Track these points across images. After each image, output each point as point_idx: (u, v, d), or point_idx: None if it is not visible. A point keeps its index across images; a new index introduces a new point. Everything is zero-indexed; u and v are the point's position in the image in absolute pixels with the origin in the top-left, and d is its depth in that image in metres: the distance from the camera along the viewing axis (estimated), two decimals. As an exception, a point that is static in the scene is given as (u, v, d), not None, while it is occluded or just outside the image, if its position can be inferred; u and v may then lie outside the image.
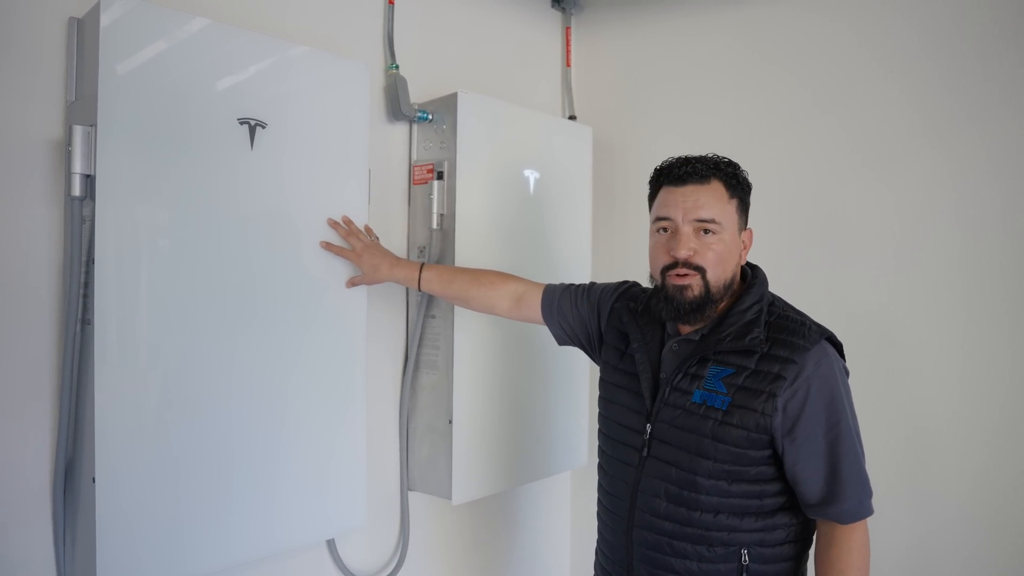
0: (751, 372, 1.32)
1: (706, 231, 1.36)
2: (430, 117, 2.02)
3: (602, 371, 1.59)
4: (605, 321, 1.62)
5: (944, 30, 1.85)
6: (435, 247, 1.98)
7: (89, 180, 1.36)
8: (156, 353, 1.44)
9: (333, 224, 1.71)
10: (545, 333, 2.21)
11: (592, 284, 1.70)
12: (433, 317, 2.02)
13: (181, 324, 1.47)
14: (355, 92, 1.76)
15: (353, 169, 1.76)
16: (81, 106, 1.42)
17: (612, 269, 2.48)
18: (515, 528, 2.40)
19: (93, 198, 1.36)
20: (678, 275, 1.36)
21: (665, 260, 1.39)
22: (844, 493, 1.29)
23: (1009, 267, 1.75)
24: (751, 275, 1.44)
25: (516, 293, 1.74)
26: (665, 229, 1.41)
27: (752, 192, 1.44)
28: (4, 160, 1.40)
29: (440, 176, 1.98)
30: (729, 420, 1.31)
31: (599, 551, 1.59)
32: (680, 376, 1.38)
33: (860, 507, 1.31)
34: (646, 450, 1.40)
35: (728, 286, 1.38)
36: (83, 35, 1.45)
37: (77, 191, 1.36)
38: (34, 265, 1.44)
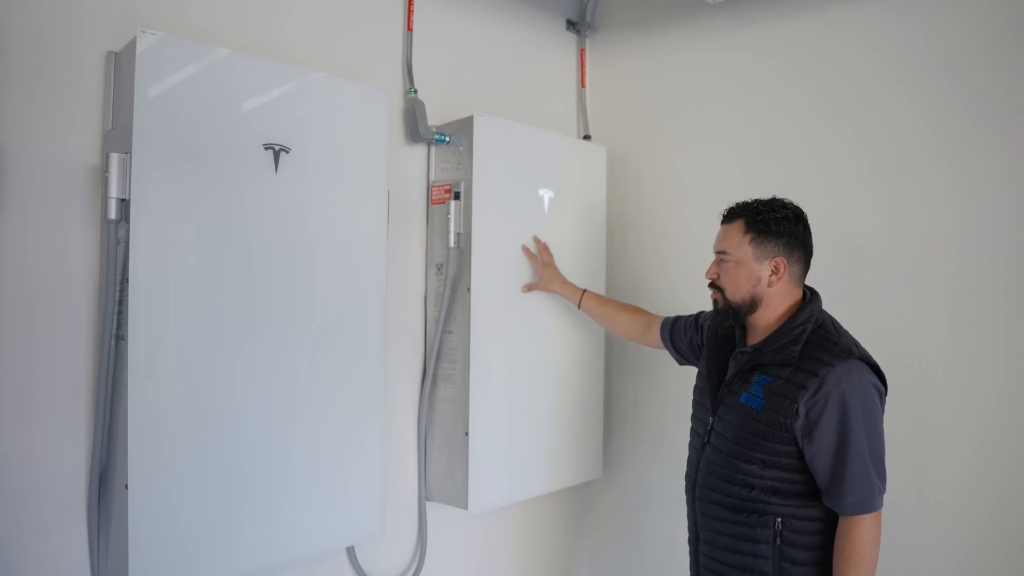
0: (783, 381, 1.59)
1: (723, 260, 1.70)
2: (447, 139, 2.10)
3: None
4: (702, 336, 1.93)
5: (954, 41, 1.88)
6: (452, 265, 2.05)
7: (124, 204, 1.45)
8: (185, 366, 1.52)
9: (534, 242, 2.20)
10: (560, 349, 2.28)
11: (700, 312, 1.99)
12: (450, 332, 2.09)
13: (208, 339, 1.55)
14: (374, 117, 1.84)
15: (372, 191, 1.84)
16: (117, 134, 1.51)
17: (626, 286, 2.54)
18: (531, 538, 2.45)
19: (128, 221, 1.45)
20: (712, 291, 1.76)
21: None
22: (845, 489, 1.53)
23: (1016, 278, 1.79)
24: (808, 299, 1.68)
25: (647, 323, 2.10)
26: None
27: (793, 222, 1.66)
28: (45, 185, 1.50)
29: (457, 196, 2.06)
30: (760, 419, 1.60)
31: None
32: (736, 380, 1.69)
33: (858, 504, 1.53)
34: (708, 437, 1.73)
35: (748, 303, 1.67)
36: (119, 68, 1.55)
37: (113, 214, 1.45)
38: (72, 284, 1.53)
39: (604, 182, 2.46)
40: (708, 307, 2.27)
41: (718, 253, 1.73)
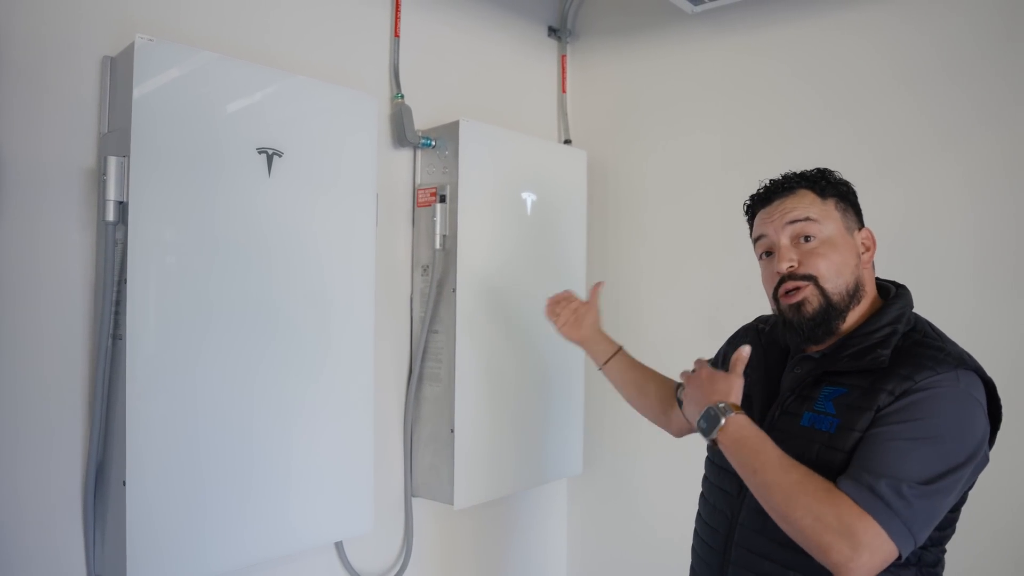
0: (864, 391, 1.18)
1: (806, 238, 1.27)
2: (433, 143, 2.14)
3: None
4: (725, 350, 1.56)
5: (947, 37, 1.97)
6: (438, 266, 2.10)
7: (122, 206, 1.48)
8: (181, 365, 1.55)
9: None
10: (542, 349, 2.33)
11: (723, 348, 1.60)
12: (436, 332, 2.14)
13: (203, 340, 1.58)
14: (363, 122, 1.88)
15: (361, 194, 1.88)
16: (114, 138, 1.54)
17: (607, 287, 2.60)
18: (514, 532, 2.51)
19: (126, 223, 1.48)
20: (787, 292, 1.28)
21: (773, 281, 1.31)
22: (862, 465, 1.11)
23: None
24: (894, 293, 1.31)
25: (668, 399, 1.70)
26: (768, 253, 1.33)
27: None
28: (42, 188, 1.52)
29: (443, 199, 2.11)
30: (835, 444, 1.17)
31: (697, 559, 1.44)
32: (792, 398, 1.27)
33: (868, 492, 1.08)
34: None
35: (853, 293, 1.26)
36: (116, 72, 1.58)
37: (111, 217, 1.48)
38: (68, 284, 1.55)
39: (584, 185, 2.52)
40: (696, 315, 2.37)
41: (793, 223, 1.27)
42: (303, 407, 1.75)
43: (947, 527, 1.21)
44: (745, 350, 1.27)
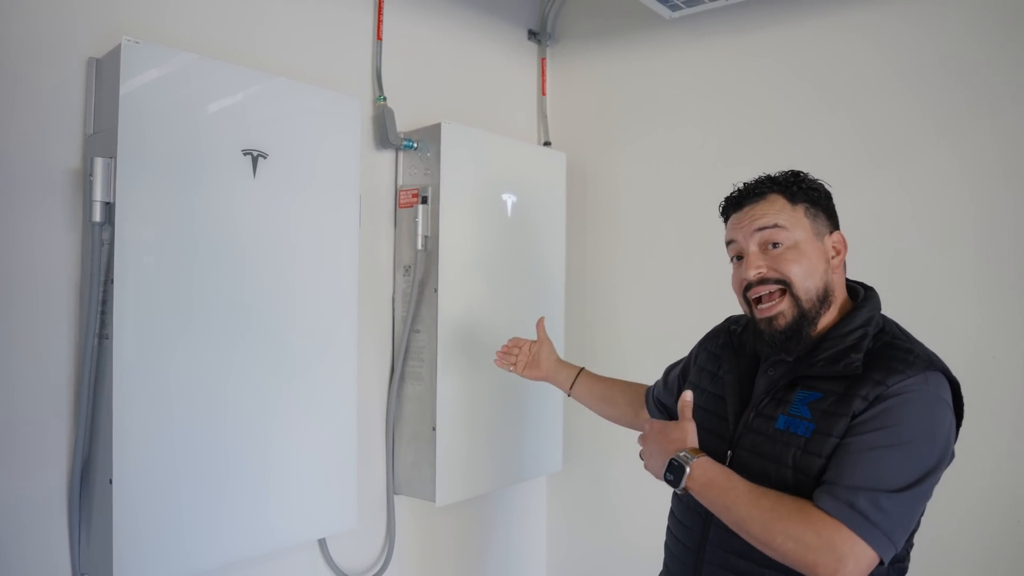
0: (839, 396, 1.20)
1: (774, 245, 1.28)
2: (415, 145, 2.17)
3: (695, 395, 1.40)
4: (697, 352, 1.56)
5: (905, 51, 2.04)
6: (420, 266, 2.13)
7: (108, 207, 1.50)
8: (167, 365, 1.57)
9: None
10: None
11: (693, 353, 1.61)
12: (418, 332, 2.17)
13: (189, 339, 1.60)
14: (347, 124, 1.91)
15: (345, 196, 1.90)
16: (100, 139, 1.56)
17: (584, 286, 2.65)
18: (494, 529, 2.54)
19: (112, 223, 1.49)
20: (759, 300, 1.29)
21: (742, 286, 1.32)
22: (837, 479, 1.13)
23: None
24: (863, 295, 1.33)
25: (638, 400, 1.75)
26: (739, 257, 1.34)
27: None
28: (27, 188, 1.53)
29: (424, 200, 2.13)
30: (812, 449, 1.19)
31: (668, 564, 1.46)
32: (766, 401, 1.28)
33: (845, 507, 1.11)
34: None
35: (823, 298, 1.27)
36: (101, 74, 1.59)
37: (98, 217, 1.49)
38: (53, 284, 1.56)
39: (564, 187, 2.56)
40: (672, 316, 2.42)
41: (761, 231, 1.28)
42: (288, 405, 1.77)
43: (921, 514, 1.23)
44: (688, 395, 1.31)
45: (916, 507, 1.15)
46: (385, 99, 2.15)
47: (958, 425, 1.24)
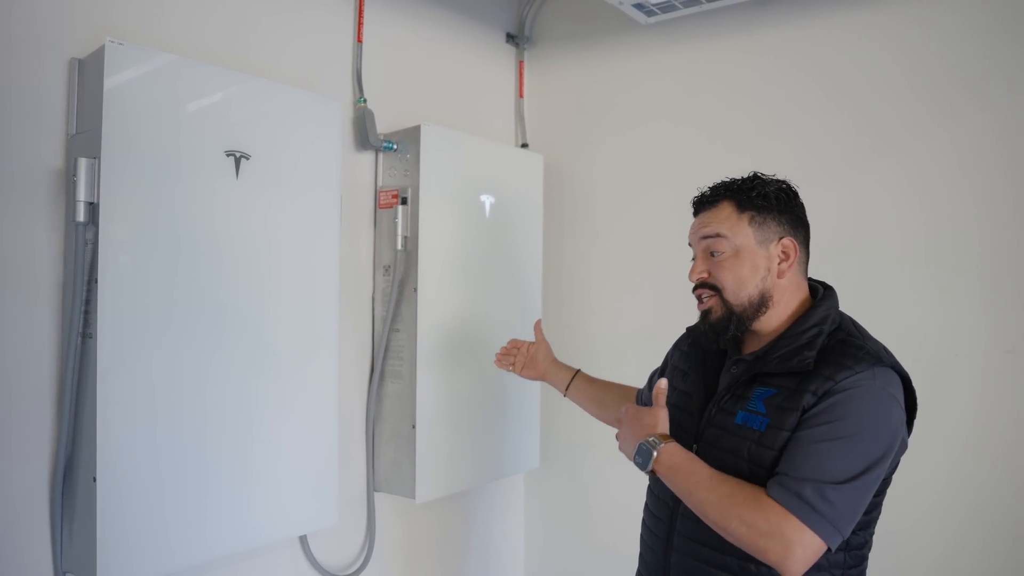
0: (791, 392, 1.26)
1: (714, 252, 1.37)
2: (395, 147, 2.20)
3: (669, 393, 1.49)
4: (672, 352, 1.63)
5: (885, 52, 2.10)
6: (400, 266, 2.15)
7: (92, 207, 1.51)
8: (151, 364, 1.58)
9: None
10: (499, 345, 2.40)
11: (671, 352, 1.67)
12: (398, 331, 2.19)
13: (173, 338, 1.61)
14: (328, 126, 1.93)
15: (326, 196, 1.93)
16: (83, 139, 1.56)
17: (561, 286, 2.69)
18: (474, 525, 2.58)
19: (96, 223, 1.50)
20: (700, 299, 1.41)
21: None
22: (788, 470, 1.21)
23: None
24: (821, 294, 1.39)
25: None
26: (694, 259, 1.44)
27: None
28: (9, 188, 1.53)
29: (404, 201, 2.16)
30: (765, 442, 1.26)
31: (638, 573, 1.53)
32: (727, 397, 1.36)
33: (794, 497, 1.18)
34: None
35: (758, 303, 1.35)
36: (84, 74, 1.60)
37: (81, 217, 1.50)
38: (36, 283, 1.57)
39: (541, 188, 2.60)
40: (647, 314, 2.47)
41: (706, 240, 1.38)
42: (270, 404, 1.79)
43: (872, 511, 1.30)
44: (663, 383, 1.39)
45: (862, 496, 1.21)
46: (365, 101, 2.17)
47: (911, 418, 1.31)
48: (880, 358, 1.26)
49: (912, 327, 1.98)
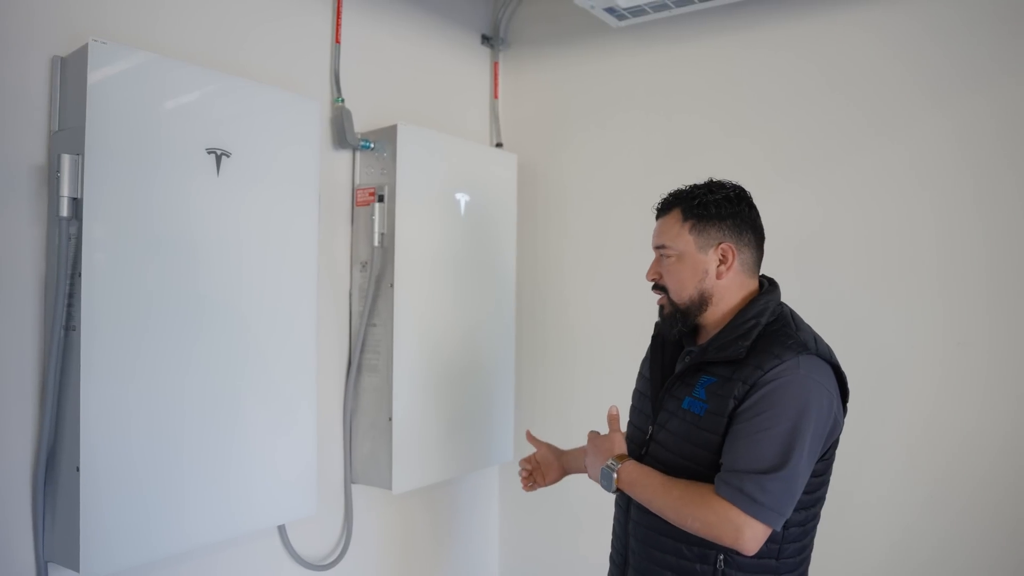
0: (726, 379, 1.39)
1: (663, 257, 1.54)
2: (372, 145, 2.24)
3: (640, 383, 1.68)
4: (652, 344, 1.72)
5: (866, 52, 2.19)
6: (376, 262, 2.20)
7: (76, 203, 1.54)
8: (134, 356, 1.62)
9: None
10: (476, 341, 2.45)
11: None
12: (374, 325, 2.24)
13: (155, 331, 1.65)
14: (307, 125, 1.97)
15: (305, 194, 1.97)
16: (66, 136, 1.59)
17: (535, 282, 2.75)
18: (449, 515, 2.63)
19: (79, 218, 1.54)
20: (657, 295, 1.58)
21: None
22: (731, 465, 1.33)
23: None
24: (765, 288, 1.52)
25: None
26: None
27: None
28: (-8, 183, 1.56)
29: (381, 199, 2.21)
30: (703, 425, 1.39)
31: (612, 540, 1.68)
32: (677, 384, 1.49)
33: (736, 492, 1.31)
34: (645, 449, 1.52)
35: (699, 300, 1.49)
36: (67, 72, 1.63)
37: (65, 212, 1.53)
38: (18, 277, 1.60)
39: (515, 187, 2.65)
40: (618, 308, 2.53)
41: (657, 249, 1.55)
42: (250, 396, 1.83)
43: (818, 489, 1.44)
44: (613, 409, 1.59)
45: (798, 479, 1.34)
46: (343, 100, 2.21)
47: (845, 400, 1.45)
48: (807, 347, 1.38)
49: (871, 321, 2.07)
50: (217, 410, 1.77)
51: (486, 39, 2.80)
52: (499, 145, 2.82)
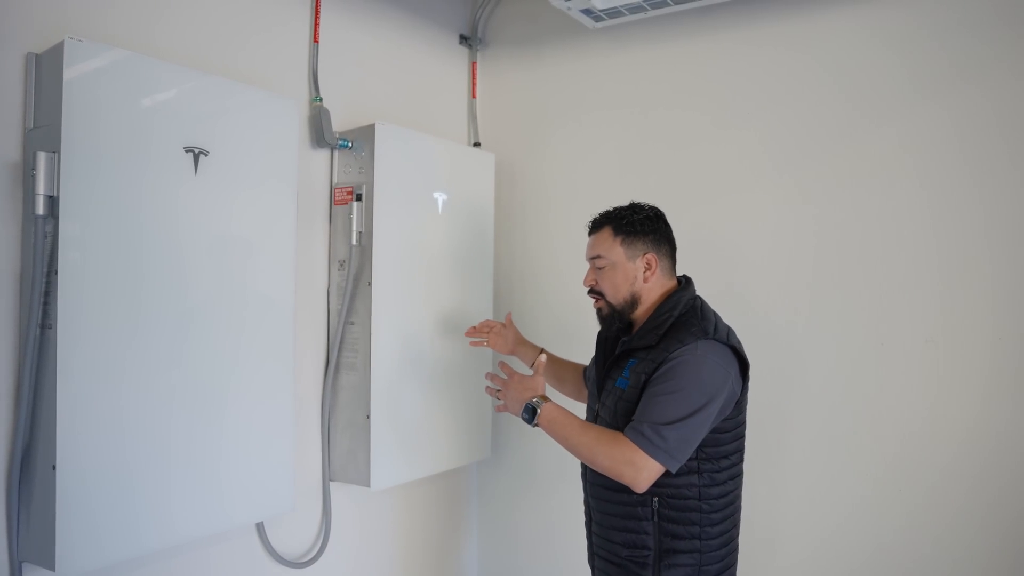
0: (643, 360, 1.71)
1: (598, 266, 1.83)
2: (350, 145, 2.25)
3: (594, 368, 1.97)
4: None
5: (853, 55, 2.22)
6: (354, 261, 2.21)
7: (52, 200, 1.53)
8: (110, 355, 1.61)
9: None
10: (453, 339, 2.47)
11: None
12: (352, 324, 2.25)
13: (131, 329, 1.65)
14: (285, 124, 1.98)
15: (283, 193, 1.97)
16: (42, 134, 1.59)
17: (512, 281, 2.77)
18: (428, 512, 2.64)
19: (56, 216, 1.53)
20: (594, 299, 1.87)
21: None
22: (638, 418, 1.65)
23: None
24: (680, 287, 1.82)
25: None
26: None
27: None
28: (-34, 181, 1.55)
29: (359, 198, 2.22)
30: (626, 397, 1.72)
31: (583, 500, 1.94)
32: (613, 368, 1.81)
33: (639, 435, 1.61)
34: (594, 422, 1.83)
35: (630, 301, 1.80)
36: (41, 70, 1.62)
37: (41, 210, 1.52)
38: (-7, 276, 1.59)
39: (492, 186, 2.67)
40: (587, 309, 2.54)
41: (592, 259, 1.84)
42: (227, 394, 1.84)
43: (727, 443, 1.72)
44: (543, 357, 1.90)
45: (692, 432, 1.62)
46: (321, 100, 2.22)
47: (745, 377, 1.74)
48: (706, 332, 1.68)
49: (847, 318, 2.12)
50: (194, 408, 1.77)
51: (464, 39, 2.82)
52: (477, 144, 2.83)
